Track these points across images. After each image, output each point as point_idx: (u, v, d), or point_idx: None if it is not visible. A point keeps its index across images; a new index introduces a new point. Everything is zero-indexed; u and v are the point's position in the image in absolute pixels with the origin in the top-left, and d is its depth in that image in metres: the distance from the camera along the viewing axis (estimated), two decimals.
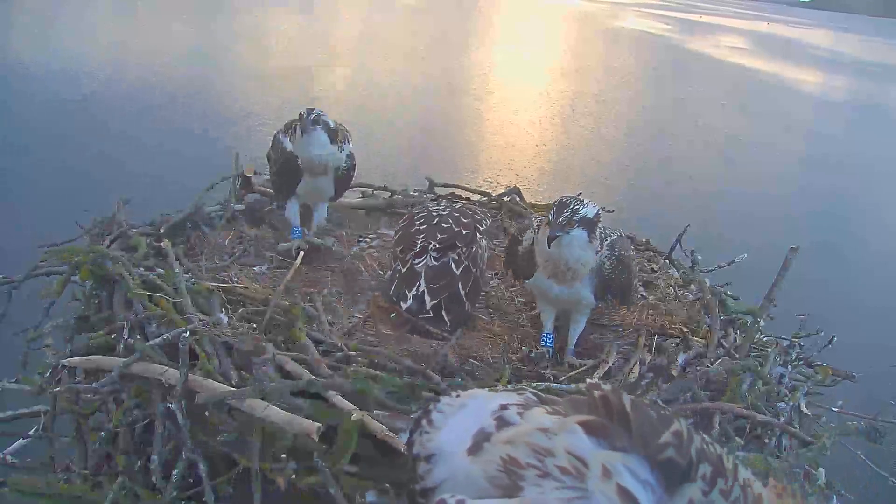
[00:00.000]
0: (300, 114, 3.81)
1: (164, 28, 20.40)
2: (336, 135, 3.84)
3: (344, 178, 3.98)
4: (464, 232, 3.35)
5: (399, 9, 34.71)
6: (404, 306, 3.20)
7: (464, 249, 3.31)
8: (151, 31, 19.32)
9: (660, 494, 1.39)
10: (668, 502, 1.39)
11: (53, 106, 11.26)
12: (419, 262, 3.27)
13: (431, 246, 3.30)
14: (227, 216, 4.09)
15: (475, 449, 1.52)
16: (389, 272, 3.46)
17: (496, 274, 3.93)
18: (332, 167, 3.88)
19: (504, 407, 1.59)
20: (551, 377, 2.94)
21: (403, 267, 3.31)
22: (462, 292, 3.24)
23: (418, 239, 3.33)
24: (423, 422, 1.67)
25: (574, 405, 1.54)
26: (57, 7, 20.38)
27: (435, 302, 3.19)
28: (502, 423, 1.55)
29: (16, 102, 11.28)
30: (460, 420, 1.62)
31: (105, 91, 12.48)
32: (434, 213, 3.49)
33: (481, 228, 3.46)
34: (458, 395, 1.72)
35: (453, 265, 3.27)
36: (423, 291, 3.20)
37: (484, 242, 3.46)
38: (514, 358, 3.12)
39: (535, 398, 1.64)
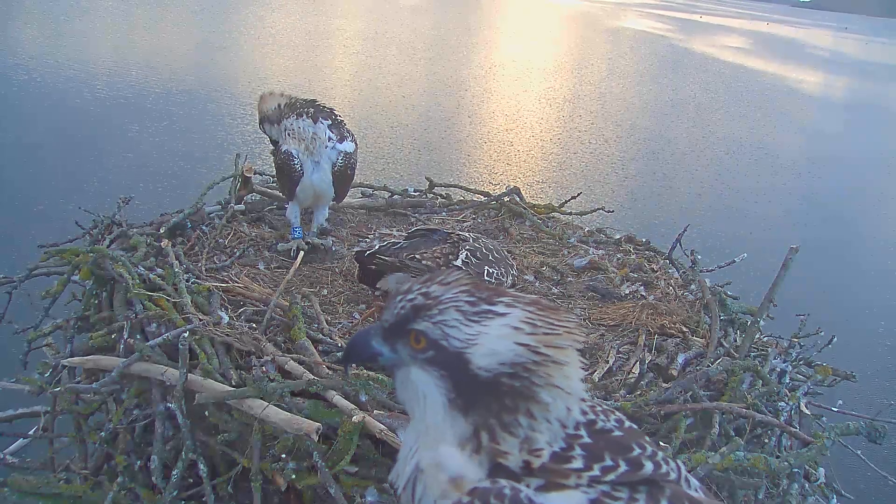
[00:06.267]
0: None
1: (166, 28, 20.42)
2: (278, 112, 3.95)
3: (341, 177, 3.96)
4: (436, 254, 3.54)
5: (400, 9, 34.71)
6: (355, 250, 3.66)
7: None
8: (153, 32, 19.33)
9: None
10: None
11: (54, 107, 11.26)
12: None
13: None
14: (227, 216, 4.08)
15: None
16: None
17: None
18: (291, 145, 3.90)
19: None
20: None
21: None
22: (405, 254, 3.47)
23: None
24: None
25: None
26: (60, 8, 20.38)
27: (372, 250, 3.44)
28: None
29: (16, 103, 11.29)
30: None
31: (106, 92, 12.48)
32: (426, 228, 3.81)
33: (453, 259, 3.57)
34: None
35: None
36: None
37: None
38: None
39: None
